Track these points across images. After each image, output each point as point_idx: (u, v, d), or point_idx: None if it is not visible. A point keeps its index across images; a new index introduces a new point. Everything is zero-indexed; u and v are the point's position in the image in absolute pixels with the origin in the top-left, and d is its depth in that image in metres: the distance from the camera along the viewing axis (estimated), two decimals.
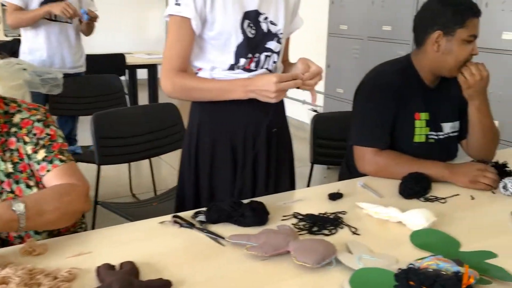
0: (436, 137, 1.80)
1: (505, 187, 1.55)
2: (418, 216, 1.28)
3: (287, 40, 1.70)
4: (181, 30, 1.49)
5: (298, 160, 1.90)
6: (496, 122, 3.02)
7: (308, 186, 2.27)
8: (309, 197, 1.55)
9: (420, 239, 1.22)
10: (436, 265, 0.99)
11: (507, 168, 1.72)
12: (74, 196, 1.21)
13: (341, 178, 1.90)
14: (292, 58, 1.71)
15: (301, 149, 2.82)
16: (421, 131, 1.76)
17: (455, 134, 1.85)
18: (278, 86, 1.41)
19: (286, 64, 1.71)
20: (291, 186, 1.80)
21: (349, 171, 1.88)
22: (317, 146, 2.28)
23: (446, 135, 1.82)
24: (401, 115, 1.74)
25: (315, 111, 4.64)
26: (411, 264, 1.02)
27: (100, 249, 1.16)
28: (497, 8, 2.82)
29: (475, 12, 1.64)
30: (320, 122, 2.29)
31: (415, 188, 1.51)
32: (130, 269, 1.02)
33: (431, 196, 1.54)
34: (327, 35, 4.40)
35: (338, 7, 4.24)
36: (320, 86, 5.41)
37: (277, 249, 1.11)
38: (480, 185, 1.59)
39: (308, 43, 5.20)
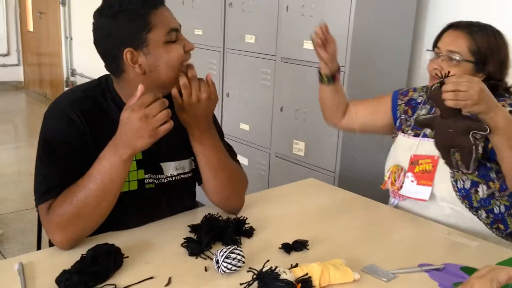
0: (156, 182, 1.34)
1: (217, 262, 1.10)
2: None
3: None
4: None
5: None
6: None
7: None
8: None
9: None
10: None
11: (245, 226, 1.30)
12: None
13: None
14: None
15: None
16: (131, 176, 1.28)
17: (187, 176, 1.40)
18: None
19: None
20: None
21: None
22: None
23: (170, 178, 1.36)
24: (97, 156, 1.22)
25: None
26: None
27: None
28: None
29: (153, 2, 1.20)
30: None
31: (73, 278, 0.99)
32: None
33: (110, 284, 1.04)
34: None
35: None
36: None
37: None
38: None
39: None
